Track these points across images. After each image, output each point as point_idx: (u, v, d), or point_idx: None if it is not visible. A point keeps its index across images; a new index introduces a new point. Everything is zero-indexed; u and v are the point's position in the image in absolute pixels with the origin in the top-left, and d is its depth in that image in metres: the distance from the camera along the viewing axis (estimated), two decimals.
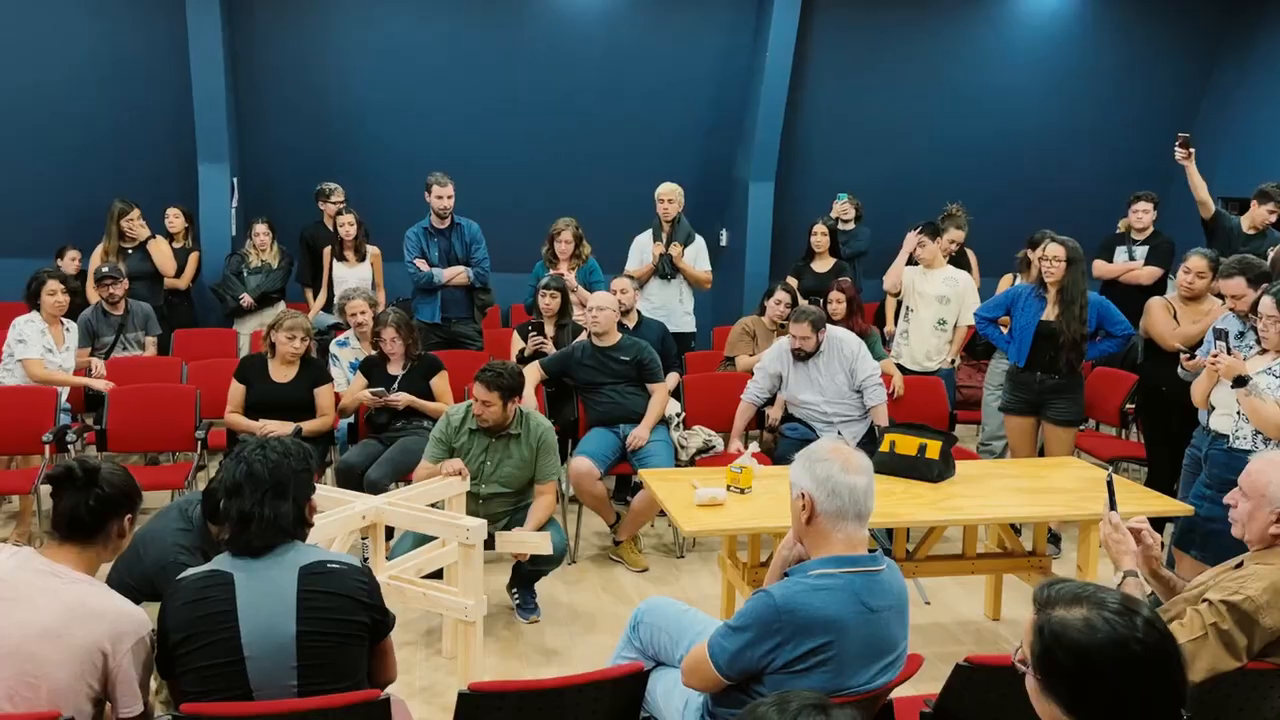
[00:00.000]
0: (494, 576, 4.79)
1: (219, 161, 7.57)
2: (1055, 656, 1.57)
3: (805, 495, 2.39)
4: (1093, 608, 1.58)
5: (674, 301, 6.67)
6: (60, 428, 4.95)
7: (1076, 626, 1.57)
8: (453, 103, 7.94)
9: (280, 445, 2.48)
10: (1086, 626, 1.56)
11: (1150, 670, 1.53)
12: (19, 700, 2.11)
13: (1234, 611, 2.44)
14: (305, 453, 2.53)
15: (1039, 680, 1.61)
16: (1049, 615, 1.60)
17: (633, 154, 8.22)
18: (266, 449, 2.46)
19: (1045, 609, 1.62)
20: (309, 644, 2.30)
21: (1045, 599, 1.63)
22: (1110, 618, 1.56)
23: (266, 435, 4.76)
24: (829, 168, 8.53)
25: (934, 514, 3.86)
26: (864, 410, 5.36)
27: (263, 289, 7.13)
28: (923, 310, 6.02)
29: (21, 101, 7.40)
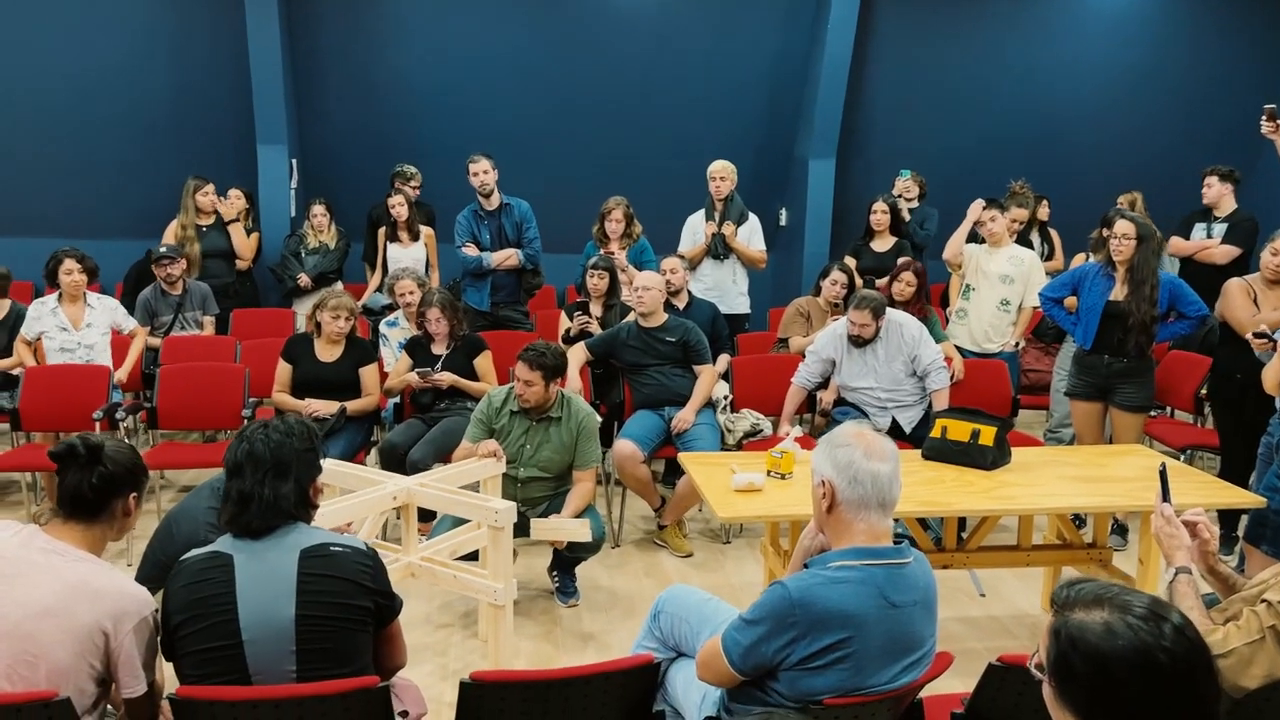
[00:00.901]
0: (535, 559, 4.74)
1: (277, 143, 7.63)
2: (1072, 662, 1.43)
3: (826, 483, 2.26)
4: (1115, 611, 1.44)
5: (727, 282, 6.53)
6: (111, 405, 5.01)
7: (1096, 631, 1.42)
8: (506, 83, 7.88)
9: (283, 425, 2.43)
10: (1107, 631, 1.42)
11: (1176, 682, 1.39)
12: (17, 679, 2.09)
13: None
14: (309, 433, 2.47)
15: (1054, 687, 1.47)
16: (1067, 618, 1.46)
17: (688, 132, 8.08)
18: (269, 429, 2.41)
19: (1064, 611, 1.48)
20: (308, 628, 2.24)
21: (1064, 600, 1.49)
22: (1134, 623, 1.41)
23: (311, 415, 4.83)
24: (891, 145, 8.29)
25: (985, 503, 3.68)
26: (919, 395, 5.17)
27: (320, 269, 7.17)
28: (985, 290, 5.79)
29: (85, 87, 7.54)
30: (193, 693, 2.11)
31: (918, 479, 3.88)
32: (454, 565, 3.69)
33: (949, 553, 4.05)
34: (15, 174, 7.73)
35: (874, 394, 5.17)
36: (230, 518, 2.34)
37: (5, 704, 2.02)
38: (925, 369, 5.11)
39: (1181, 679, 1.39)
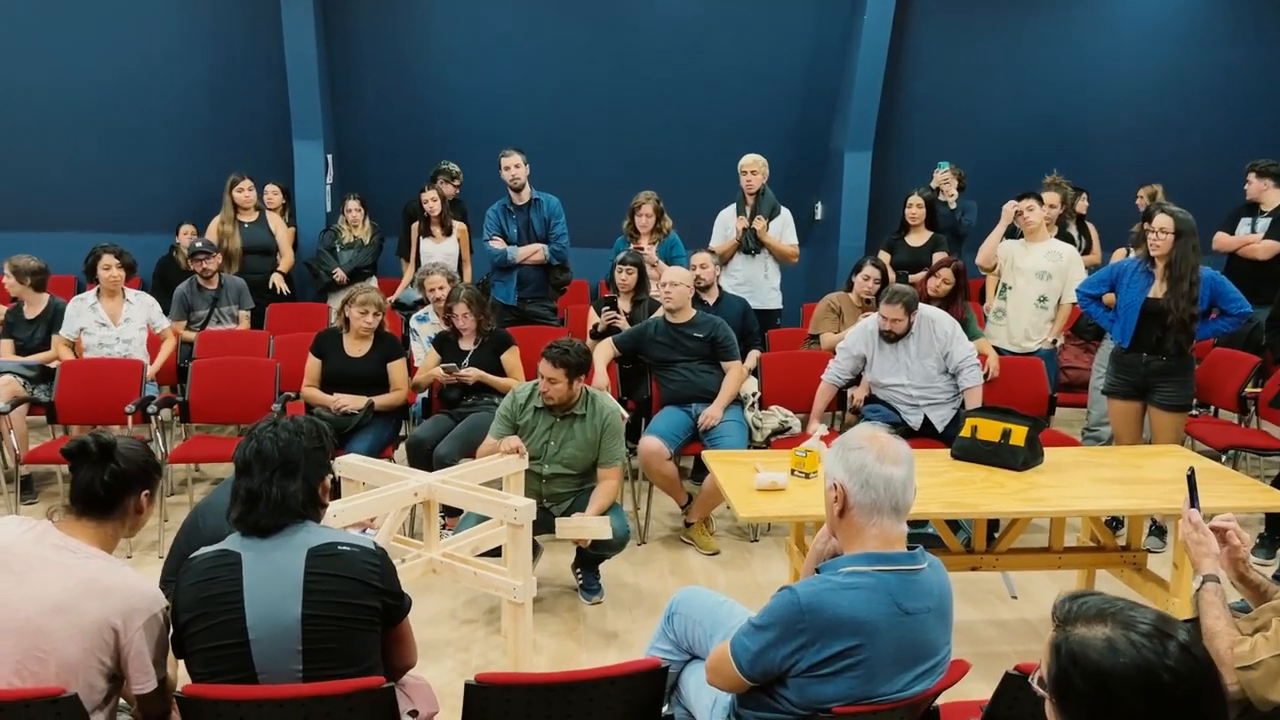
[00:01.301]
0: (560, 556, 4.73)
1: (313, 139, 7.68)
2: (1072, 679, 1.38)
3: (838, 486, 2.22)
4: (1118, 627, 1.38)
5: (759, 277, 6.47)
6: (144, 398, 5.07)
7: (1097, 647, 1.37)
8: (539, 78, 7.87)
9: (293, 424, 2.43)
10: (1108, 648, 1.36)
11: (1179, 703, 1.33)
12: (27, 675, 2.11)
13: None
14: (319, 432, 2.47)
15: (1054, 704, 1.42)
16: (1068, 633, 1.41)
17: (721, 125, 8.01)
18: (279, 427, 2.41)
19: (1065, 626, 1.43)
20: (314, 627, 2.23)
21: (1066, 614, 1.44)
22: (1137, 640, 1.36)
23: (339, 409, 4.85)
24: (929, 137, 8.17)
25: (1013, 504, 3.61)
26: (953, 393, 5.08)
27: (354, 264, 7.20)
28: (1022, 287, 5.68)
29: (124, 85, 7.64)
30: (199, 691, 2.12)
31: (946, 479, 3.81)
32: (474, 562, 3.69)
33: (978, 554, 3.97)
34: (56, 170, 7.86)
35: (905, 391, 5.09)
36: (238, 516, 2.34)
37: (14, 700, 2.04)
38: (958, 366, 5.03)
39: (1185, 699, 1.34)
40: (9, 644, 2.11)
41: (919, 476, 3.75)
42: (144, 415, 5.04)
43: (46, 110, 7.66)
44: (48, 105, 7.64)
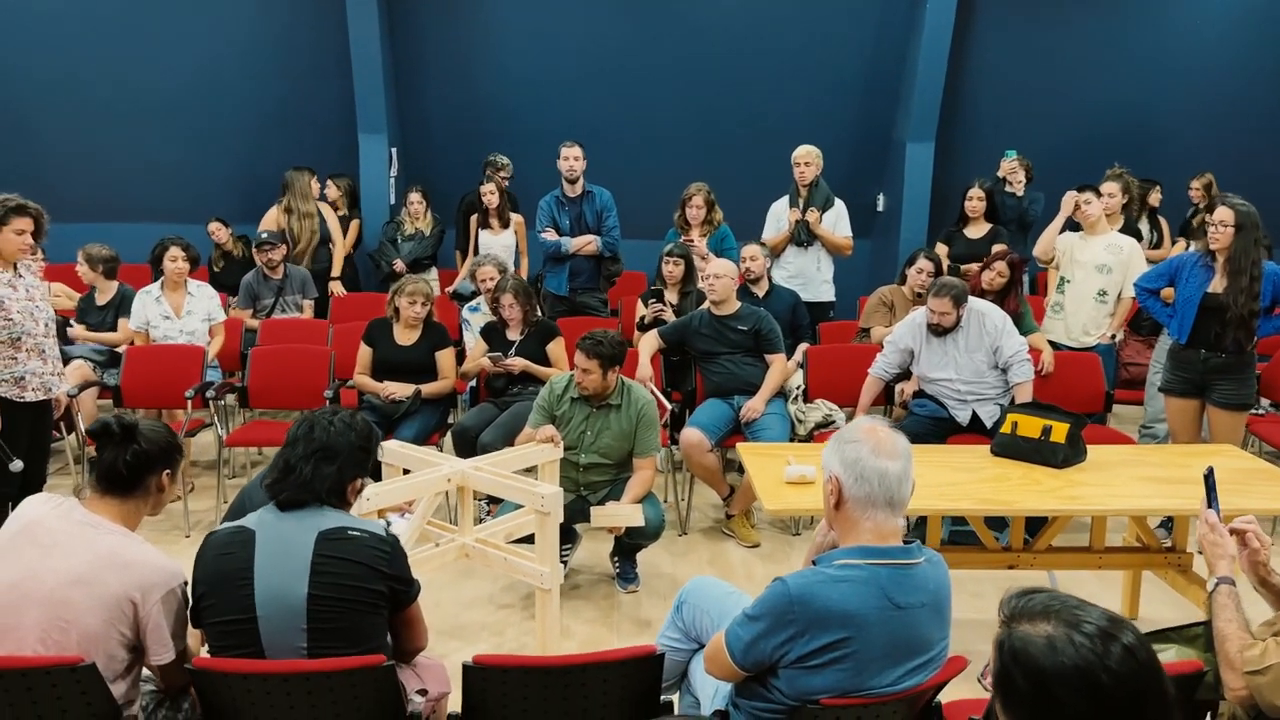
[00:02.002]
0: (599, 544, 4.77)
1: (377, 132, 7.85)
2: (1013, 677, 1.37)
3: (834, 479, 2.21)
4: (1061, 626, 1.37)
5: (811, 269, 6.43)
6: (203, 384, 5.25)
7: (1038, 645, 1.36)
8: (597, 71, 7.91)
9: (350, 419, 2.52)
10: (1049, 647, 1.35)
11: (1120, 704, 1.31)
12: (50, 643, 2.22)
13: None
14: (370, 435, 2.56)
15: (998, 702, 1.41)
16: (1012, 630, 1.40)
17: (781, 116, 7.95)
18: (338, 416, 2.51)
19: (1010, 623, 1.41)
20: (319, 607, 2.31)
21: (1012, 611, 1.43)
22: (1079, 640, 1.34)
23: (387, 396, 4.97)
24: (993, 128, 8.00)
25: (1048, 502, 3.54)
26: (1003, 388, 4.99)
27: (414, 255, 7.34)
28: (1081, 280, 5.55)
29: (198, 82, 7.90)
30: (208, 664, 2.21)
31: (982, 475, 3.76)
32: (505, 548, 3.75)
33: (1015, 553, 3.91)
34: (135, 163, 8.15)
35: (953, 386, 5.01)
36: (270, 482, 2.45)
37: (37, 667, 2.15)
38: (1007, 361, 4.93)
39: (1126, 701, 1.31)
40: (35, 613, 2.23)
41: (955, 472, 3.79)
42: (203, 401, 5.22)
43: (125, 107, 7.95)
44: (125, 102, 7.94)
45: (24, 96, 7.93)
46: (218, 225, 7.44)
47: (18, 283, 4.20)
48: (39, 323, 4.26)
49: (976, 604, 4.33)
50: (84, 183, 8.15)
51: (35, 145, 8.08)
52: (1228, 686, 2.19)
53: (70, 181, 8.09)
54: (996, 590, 4.57)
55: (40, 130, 8.05)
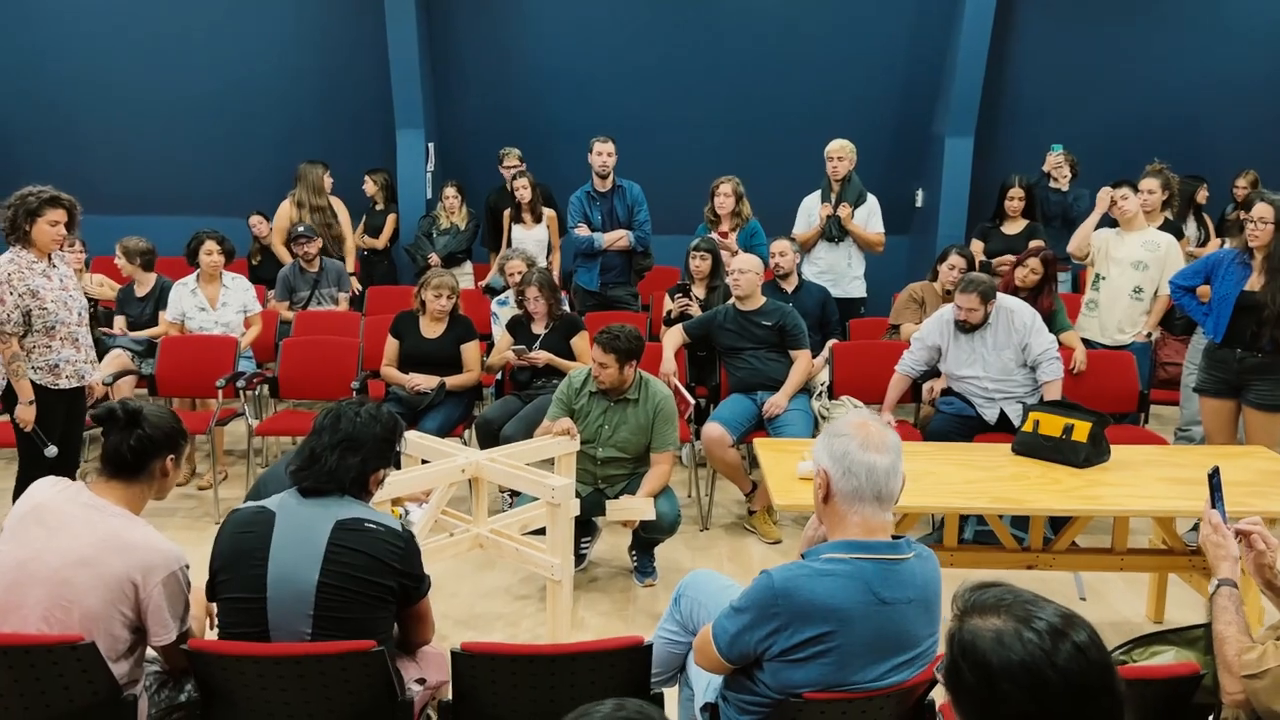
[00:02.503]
0: (619, 538, 4.79)
1: (414, 127, 7.92)
2: (961, 671, 1.35)
3: (822, 472, 2.20)
4: (1012, 621, 1.35)
5: (842, 265, 6.38)
6: (235, 374, 5.35)
7: (987, 640, 1.34)
8: (633, 65, 7.90)
9: (376, 411, 2.55)
10: (996, 641, 1.33)
11: (1065, 704, 1.29)
12: (53, 621, 2.28)
13: None
14: (395, 427, 2.58)
15: (949, 695, 1.39)
16: (963, 624, 1.38)
17: (817, 110, 7.88)
18: (364, 408, 2.54)
19: (962, 616, 1.40)
20: (326, 595, 2.33)
21: (965, 605, 1.41)
22: (1028, 636, 1.32)
23: (412, 388, 5.02)
24: (1036, 122, 7.87)
25: (1065, 502, 3.48)
26: (1031, 387, 4.91)
27: (449, 249, 7.40)
28: (1116, 278, 5.44)
29: (239, 78, 8.02)
30: (202, 645, 2.26)
31: (1000, 474, 3.72)
32: (518, 539, 3.78)
33: (1034, 553, 3.85)
34: (171, 157, 8.30)
35: (980, 384, 4.94)
36: (294, 469, 2.48)
37: (39, 645, 2.21)
38: (1036, 359, 4.85)
39: (1072, 700, 1.29)
40: (39, 592, 2.29)
41: (973, 470, 3.75)
42: (235, 390, 5.31)
43: (165, 103, 8.10)
44: (166, 98, 8.08)
45: (66, 94, 8.12)
46: (259, 219, 7.55)
47: (52, 273, 4.30)
48: (73, 312, 4.36)
49: None
50: (125, 177, 8.33)
51: (78, 140, 8.27)
52: (1225, 690, 2.15)
53: (111, 175, 8.29)
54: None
55: (82, 126, 8.24)
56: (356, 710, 2.31)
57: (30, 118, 8.23)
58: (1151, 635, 2.54)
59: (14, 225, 4.20)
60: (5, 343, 4.19)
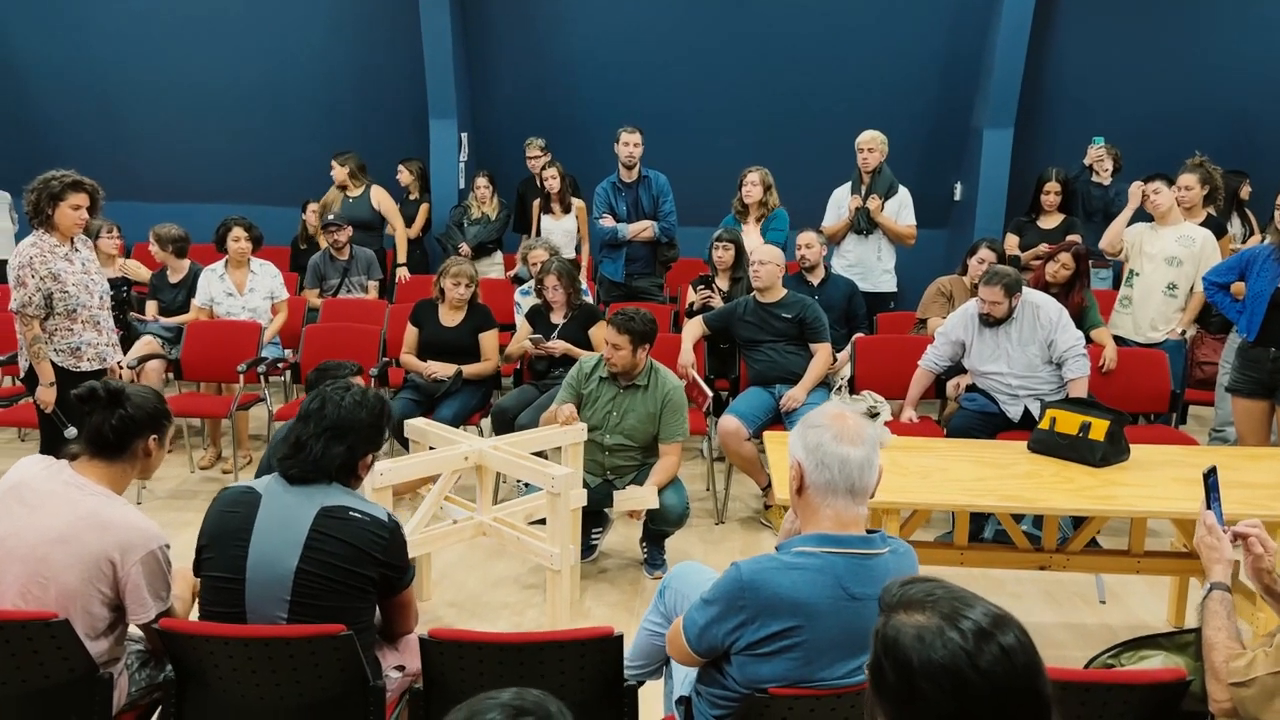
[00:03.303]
0: (632, 529, 4.75)
1: (447, 118, 7.95)
2: (883, 667, 1.30)
3: (796, 464, 2.15)
4: (937, 618, 1.29)
5: (871, 258, 6.27)
6: (257, 359, 5.40)
7: (909, 637, 1.28)
8: (667, 57, 7.84)
9: (359, 394, 2.51)
10: (918, 639, 1.27)
11: (987, 706, 1.23)
12: (30, 597, 2.31)
13: None
14: (381, 410, 2.54)
15: (870, 691, 1.34)
16: (889, 619, 1.33)
17: (854, 101, 7.75)
18: (349, 393, 2.50)
19: (888, 612, 1.34)
20: (304, 582, 2.32)
21: (893, 599, 1.35)
22: (951, 636, 1.26)
23: (430, 376, 5.03)
24: (1078, 115, 7.68)
25: (1077, 502, 3.39)
26: (1057, 384, 4.79)
27: (479, 239, 7.41)
28: (1150, 274, 5.30)
29: (276, 70, 8.11)
30: (172, 625, 2.26)
31: (1013, 472, 3.63)
32: (519, 528, 3.77)
33: (1047, 553, 3.75)
34: (211, 146, 8.42)
35: (1004, 380, 4.83)
36: (280, 456, 2.47)
37: (12, 621, 2.23)
38: (1062, 355, 4.73)
39: (995, 703, 1.23)
40: (16, 569, 2.32)
41: (984, 468, 3.66)
42: (257, 374, 5.37)
43: (203, 92, 8.22)
44: (204, 88, 8.20)
45: (109, 84, 8.27)
46: (315, 206, 7.62)
47: (74, 257, 4.37)
48: (94, 295, 4.42)
49: (1014, 605, 4.15)
50: (165, 165, 8.48)
51: (121, 129, 8.43)
52: (1212, 697, 2.06)
53: (152, 164, 8.44)
54: (1038, 592, 4.42)
55: (124, 116, 8.39)
56: (328, 695, 2.30)
57: (74, 107, 8.40)
58: (1141, 639, 2.45)
59: (37, 209, 4.27)
60: (27, 325, 4.27)
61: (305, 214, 7.66)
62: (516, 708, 1.10)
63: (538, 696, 1.13)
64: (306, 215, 7.65)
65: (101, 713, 2.33)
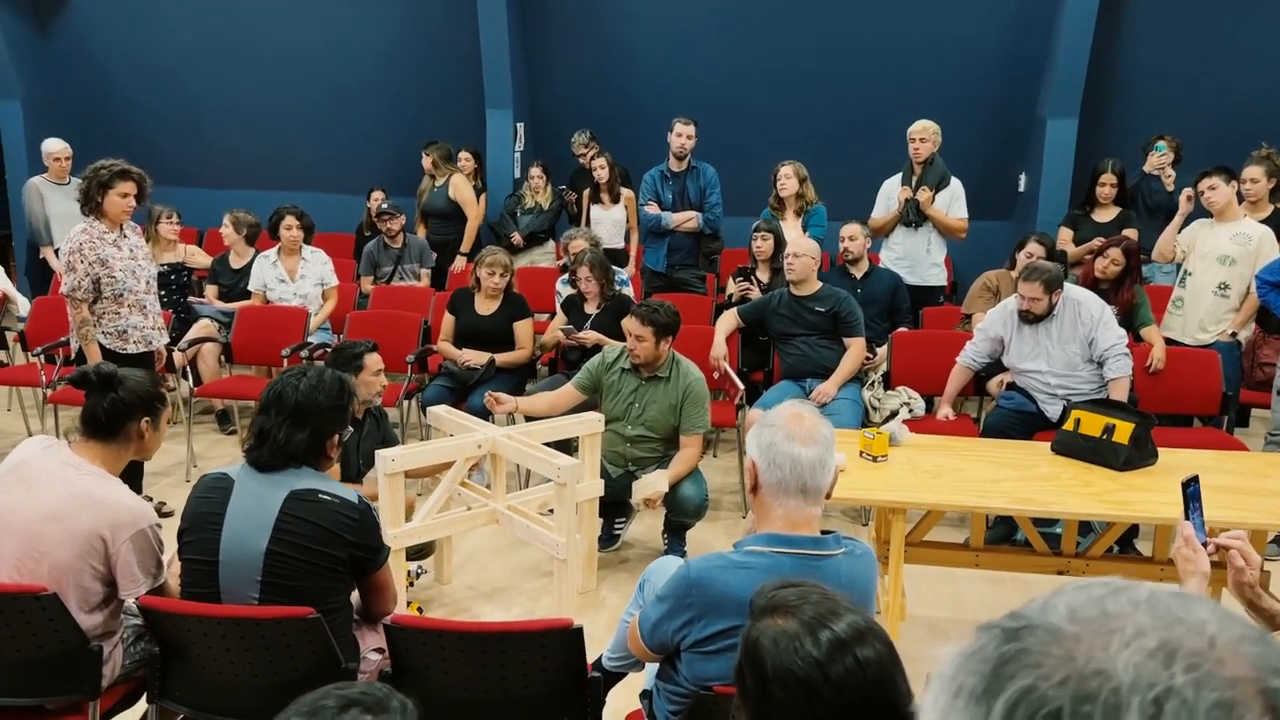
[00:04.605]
0: (656, 520, 4.76)
1: (503, 108, 8.03)
2: (744, 671, 1.29)
3: (752, 463, 2.14)
4: (798, 625, 1.28)
5: (920, 251, 6.14)
6: (302, 344, 5.55)
7: (768, 641, 1.27)
8: (723, 48, 7.78)
9: (316, 377, 2.58)
10: (774, 646, 1.26)
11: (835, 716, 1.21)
12: (25, 571, 2.42)
13: None
14: (340, 389, 2.60)
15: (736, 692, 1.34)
16: (755, 622, 1.32)
17: (913, 90, 7.59)
18: (305, 377, 2.57)
19: (756, 614, 1.33)
20: (274, 563, 2.40)
21: (764, 603, 1.34)
22: (806, 646, 1.25)
23: (463, 364, 5.11)
24: (1147, 102, 7.39)
25: (1091, 506, 3.29)
26: (1098, 384, 4.64)
27: (531, 228, 7.48)
28: (1202, 273, 5.10)
29: (337, 60, 8.29)
30: (151, 602, 2.36)
31: (1031, 474, 3.54)
32: (530, 516, 3.81)
33: (1065, 558, 3.65)
34: (280, 135, 8.65)
35: (1043, 378, 4.70)
36: (247, 448, 2.55)
37: (6, 593, 2.35)
38: (1103, 354, 4.58)
39: (842, 713, 1.21)
40: (12, 543, 2.44)
41: (1001, 469, 3.58)
42: (301, 359, 5.52)
43: (277, 83, 8.45)
44: (276, 78, 8.43)
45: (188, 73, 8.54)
46: (380, 194, 7.78)
47: (122, 243, 4.54)
48: (140, 280, 4.59)
49: None
50: (237, 152, 8.74)
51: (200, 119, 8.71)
52: None
53: (225, 151, 8.72)
54: None
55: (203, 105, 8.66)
56: (300, 674, 2.37)
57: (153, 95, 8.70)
58: None
59: (87, 196, 4.45)
60: (76, 308, 4.45)
61: (369, 202, 7.82)
62: (349, 699, 1.13)
63: (382, 692, 1.15)
64: (370, 203, 7.80)
65: (91, 683, 2.44)
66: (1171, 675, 0.58)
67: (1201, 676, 0.58)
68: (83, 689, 2.43)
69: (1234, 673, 0.58)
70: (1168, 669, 0.58)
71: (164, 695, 2.45)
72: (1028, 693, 0.57)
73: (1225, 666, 0.59)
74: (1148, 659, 0.59)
